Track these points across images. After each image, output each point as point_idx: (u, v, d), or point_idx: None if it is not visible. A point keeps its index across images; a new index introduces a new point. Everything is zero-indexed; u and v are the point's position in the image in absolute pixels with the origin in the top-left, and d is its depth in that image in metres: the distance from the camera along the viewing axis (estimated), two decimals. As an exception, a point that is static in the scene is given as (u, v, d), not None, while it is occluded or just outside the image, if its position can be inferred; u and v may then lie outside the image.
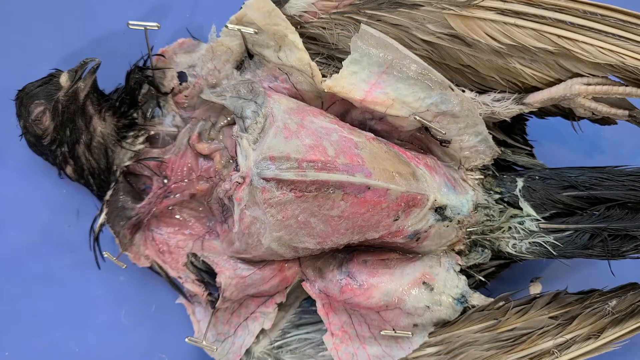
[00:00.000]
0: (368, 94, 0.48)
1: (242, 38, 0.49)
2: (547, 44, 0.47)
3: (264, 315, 0.53)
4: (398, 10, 0.48)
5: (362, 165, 0.47)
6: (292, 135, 0.46)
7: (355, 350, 0.51)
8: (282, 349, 0.54)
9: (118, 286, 0.58)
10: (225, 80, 0.51)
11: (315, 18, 0.49)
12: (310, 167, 0.46)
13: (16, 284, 0.57)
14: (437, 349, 0.51)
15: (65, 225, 0.58)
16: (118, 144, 0.53)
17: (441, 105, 0.48)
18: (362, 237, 0.50)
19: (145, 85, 0.53)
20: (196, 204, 0.55)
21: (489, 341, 0.50)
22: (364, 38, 0.47)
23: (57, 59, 0.57)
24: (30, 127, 0.52)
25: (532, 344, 0.49)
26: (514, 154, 0.54)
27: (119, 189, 0.53)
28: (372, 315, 0.51)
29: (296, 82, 0.50)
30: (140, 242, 0.54)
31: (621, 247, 0.49)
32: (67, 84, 0.51)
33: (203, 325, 0.54)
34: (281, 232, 0.47)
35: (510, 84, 0.50)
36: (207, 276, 0.54)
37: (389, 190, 0.47)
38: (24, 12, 0.59)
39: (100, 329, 0.57)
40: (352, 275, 0.51)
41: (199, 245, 0.54)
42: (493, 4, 0.47)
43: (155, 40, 0.54)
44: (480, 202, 0.51)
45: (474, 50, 0.49)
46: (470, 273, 0.53)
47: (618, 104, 0.49)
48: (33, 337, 0.57)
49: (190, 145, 0.53)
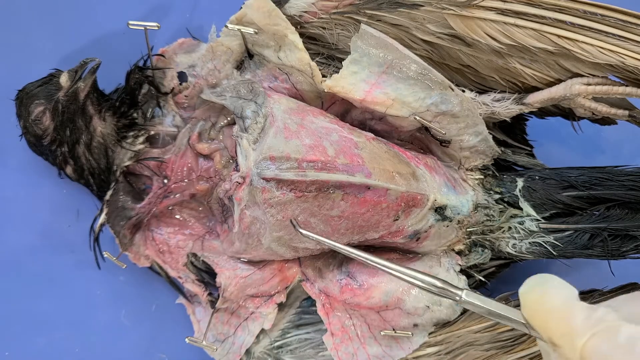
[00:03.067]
0: (368, 94, 0.48)
1: (242, 38, 0.49)
2: (547, 44, 0.47)
3: (264, 316, 0.53)
4: (398, 10, 0.48)
5: (362, 165, 0.47)
6: (292, 135, 0.46)
7: (355, 350, 0.51)
8: (282, 349, 0.54)
9: (118, 286, 0.58)
10: (225, 80, 0.51)
11: (315, 18, 0.49)
12: (310, 167, 0.45)
13: (16, 284, 0.57)
14: (437, 349, 0.51)
15: (65, 225, 0.58)
16: (118, 144, 0.53)
17: (441, 105, 0.48)
18: (362, 237, 0.50)
19: (145, 85, 0.53)
20: (196, 204, 0.55)
21: (489, 341, 0.50)
22: (364, 38, 0.47)
23: (57, 59, 0.57)
24: (30, 127, 0.52)
25: (532, 344, 0.49)
26: (514, 154, 0.54)
27: (119, 189, 0.53)
28: (372, 315, 0.51)
29: (296, 82, 0.50)
30: (140, 242, 0.54)
31: (621, 247, 0.49)
32: (67, 84, 0.51)
33: (203, 325, 0.54)
34: (281, 232, 0.47)
35: (510, 84, 0.50)
36: (207, 276, 0.54)
37: (389, 190, 0.47)
38: (24, 12, 0.59)
39: (100, 329, 0.57)
40: (352, 275, 0.51)
41: (199, 245, 0.54)
42: (493, 4, 0.47)
43: (155, 40, 0.54)
44: (480, 202, 0.51)
45: (474, 50, 0.49)
46: (470, 273, 0.53)
47: (618, 104, 0.49)
48: (33, 337, 0.57)
49: (190, 145, 0.53)
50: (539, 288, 0.33)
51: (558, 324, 0.32)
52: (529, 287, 0.34)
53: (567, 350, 0.32)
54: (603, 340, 0.31)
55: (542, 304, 0.33)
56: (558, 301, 0.33)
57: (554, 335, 0.33)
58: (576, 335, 0.32)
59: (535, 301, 0.33)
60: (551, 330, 0.33)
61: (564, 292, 0.33)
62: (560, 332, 0.32)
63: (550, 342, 0.33)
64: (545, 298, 0.33)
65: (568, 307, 0.32)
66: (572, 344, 0.32)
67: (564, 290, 0.33)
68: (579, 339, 0.32)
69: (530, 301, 0.33)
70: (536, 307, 0.33)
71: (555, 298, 0.33)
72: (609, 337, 0.31)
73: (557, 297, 0.33)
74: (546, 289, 0.33)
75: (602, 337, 0.31)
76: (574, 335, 0.32)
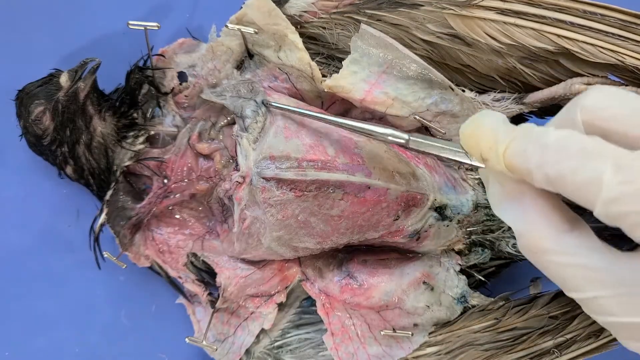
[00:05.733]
0: (368, 94, 0.48)
1: (242, 38, 0.49)
2: (547, 44, 0.47)
3: (264, 315, 0.53)
4: (398, 10, 0.48)
5: (362, 164, 0.47)
6: (292, 135, 0.46)
7: (355, 350, 0.51)
8: (282, 349, 0.54)
9: (118, 286, 0.58)
10: (225, 80, 0.51)
11: (315, 18, 0.49)
12: (310, 166, 0.46)
13: (16, 284, 0.57)
14: (437, 348, 0.51)
15: (65, 225, 0.58)
16: (118, 144, 0.53)
17: (441, 105, 0.48)
18: (362, 236, 0.50)
19: (145, 85, 0.53)
20: (196, 204, 0.55)
21: (489, 341, 0.50)
22: (364, 38, 0.47)
23: (57, 59, 0.57)
24: (30, 127, 0.52)
25: (532, 344, 0.49)
26: (514, 154, 0.54)
27: (119, 189, 0.53)
28: (372, 315, 0.51)
29: (296, 81, 0.50)
30: (140, 242, 0.54)
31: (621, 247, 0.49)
32: (67, 84, 0.51)
33: (203, 325, 0.54)
34: (281, 231, 0.47)
35: (510, 83, 0.50)
36: (207, 276, 0.54)
37: (389, 190, 0.47)
38: (24, 12, 0.59)
39: (100, 329, 0.57)
40: (352, 275, 0.51)
41: (199, 245, 0.54)
42: (493, 3, 0.47)
43: (155, 40, 0.54)
44: (481, 202, 0.51)
45: (474, 50, 0.49)
46: (470, 273, 0.53)
47: (618, 103, 0.49)
48: (33, 337, 0.57)
49: (190, 145, 0.53)
50: (473, 119, 0.36)
51: (486, 141, 0.34)
52: (467, 122, 0.36)
53: (493, 161, 0.34)
54: (520, 140, 0.33)
55: (474, 130, 0.35)
56: (487, 123, 0.35)
57: (483, 150, 0.35)
58: (499, 143, 0.34)
59: (471, 130, 0.35)
60: (481, 148, 0.35)
61: (492, 116, 0.35)
62: (487, 146, 0.34)
63: (480, 159, 0.35)
64: (476, 124, 0.35)
65: (495, 126, 0.35)
66: (497, 153, 0.34)
67: (494, 116, 0.35)
68: (501, 145, 0.34)
69: (467, 131, 0.36)
70: (471, 135, 0.35)
71: (484, 121, 0.35)
72: (525, 137, 0.33)
73: (486, 120, 0.35)
74: (478, 119, 0.35)
75: (520, 138, 0.33)
76: (497, 144, 0.34)
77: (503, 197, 0.37)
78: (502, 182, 0.36)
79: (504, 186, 0.36)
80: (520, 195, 0.36)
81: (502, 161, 0.34)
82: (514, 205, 0.36)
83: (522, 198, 0.36)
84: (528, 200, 0.35)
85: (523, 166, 0.33)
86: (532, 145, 0.33)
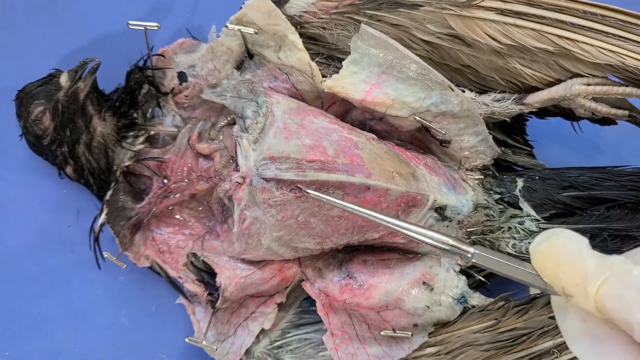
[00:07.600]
0: (368, 94, 0.48)
1: (242, 38, 0.49)
2: (547, 44, 0.47)
3: (264, 315, 0.53)
4: (398, 10, 0.48)
5: (362, 165, 0.47)
6: (292, 135, 0.46)
7: (355, 350, 0.51)
8: (282, 349, 0.54)
9: (118, 286, 0.58)
10: (225, 80, 0.51)
11: (315, 18, 0.49)
12: (310, 167, 0.45)
13: (16, 284, 0.57)
14: (437, 349, 0.51)
15: (65, 225, 0.58)
16: (118, 144, 0.53)
17: (441, 106, 0.48)
18: (362, 237, 0.50)
19: (145, 86, 0.53)
20: (196, 204, 0.55)
21: (488, 341, 0.50)
22: (364, 38, 0.47)
23: (57, 59, 0.57)
24: (30, 127, 0.52)
25: (532, 344, 0.49)
26: (514, 154, 0.54)
27: (119, 189, 0.53)
28: (372, 315, 0.51)
29: (296, 82, 0.50)
30: (140, 242, 0.54)
31: (621, 247, 0.49)
32: (67, 84, 0.51)
33: (203, 325, 0.54)
34: (281, 232, 0.47)
35: (510, 84, 0.50)
36: (207, 276, 0.54)
37: (388, 191, 0.47)
38: (24, 12, 0.59)
39: (100, 329, 0.57)
40: (352, 275, 0.51)
41: (199, 245, 0.54)
42: (493, 4, 0.47)
43: (155, 40, 0.54)
44: (480, 203, 0.51)
45: (474, 50, 0.49)
46: (470, 273, 0.53)
47: (618, 104, 0.49)
48: (33, 337, 0.57)
49: (190, 145, 0.53)
50: (548, 240, 0.32)
51: (570, 273, 0.31)
52: (539, 240, 0.32)
53: (580, 298, 0.31)
54: (616, 283, 0.30)
55: (552, 255, 0.32)
56: (568, 250, 0.31)
57: (567, 284, 0.31)
58: (589, 282, 0.30)
59: (545, 253, 0.32)
60: (563, 280, 0.31)
61: (574, 241, 0.32)
62: (572, 281, 0.31)
63: (562, 293, 0.32)
64: (555, 249, 0.32)
65: (579, 256, 0.31)
66: (585, 291, 0.30)
67: (573, 239, 0.32)
68: (592, 285, 0.30)
69: (540, 253, 0.32)
70: (546, 259, 0.32)
71: (565, 248, 0.32)
72: (622, 279, 0.30)
73: (568, 247, 0.32)
74: (555, 240, 0.32)
75: (615, 280, 0.30)
76: (587, 281, 0.30)
77: (584, 334, 0.32)
78: (586, 319, 0.32)
79: (586, 323, 0.32)
80: (608, 340, 0.31)
81: (592, 301, 0.30)
82: (597, 348, 0.32)
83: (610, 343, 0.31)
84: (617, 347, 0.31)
85: (619, 315, 0.30)
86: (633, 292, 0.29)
